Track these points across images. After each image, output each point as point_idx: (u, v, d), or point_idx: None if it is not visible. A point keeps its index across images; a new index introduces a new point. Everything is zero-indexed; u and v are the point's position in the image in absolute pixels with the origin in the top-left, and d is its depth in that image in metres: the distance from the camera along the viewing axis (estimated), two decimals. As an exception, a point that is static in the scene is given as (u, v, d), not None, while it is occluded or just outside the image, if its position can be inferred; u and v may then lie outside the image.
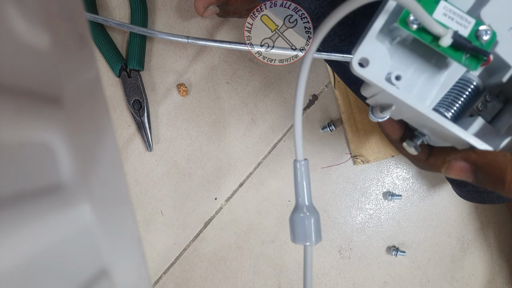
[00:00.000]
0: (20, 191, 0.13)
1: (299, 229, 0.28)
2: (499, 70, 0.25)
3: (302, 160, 0.28)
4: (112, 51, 0.49)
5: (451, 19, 0.23)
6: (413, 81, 0.26)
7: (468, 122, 0.25)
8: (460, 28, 0.22)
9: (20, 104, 0.13)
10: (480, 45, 0.23)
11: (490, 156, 0.22)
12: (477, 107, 0.26)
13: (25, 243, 0.13)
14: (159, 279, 0.53)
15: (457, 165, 0.23)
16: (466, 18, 0.23)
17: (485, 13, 0.24)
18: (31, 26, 0.14)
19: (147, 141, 0.51)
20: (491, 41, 0.23)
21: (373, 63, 0.23)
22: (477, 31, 0.23)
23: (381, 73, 0.23)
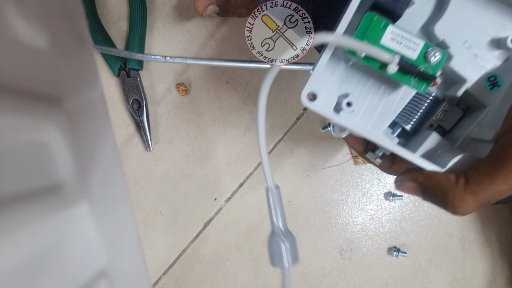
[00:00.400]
0: (20, 191, 0.13)
1: (276, 253, 0.30)
2: (455, 82, 0.26)
3: (274, 187, 0.29)
4: (111, 51, 0.49)
5: (399, 43, 0.23)
6: (370, 99, 0.26)
7: (425, 135, 0.26)
8: (409, 51, 0.23)
9: (19, 104, 0.13)
10: (429, 67, 0.23)
11: (434, 180, 0.23)
12: (437, 116, 0.27)
13: (25, 243, 0.13)
14: (158, 280, 0.53)
15: (407, 184, 0.25)
16: (414, 41, 0.23)
17: (439, 28, 0.24)
18: (30, 26, 0.14)
19: (146, 141, 0.51)
20: (440, 62, 0.23)
21: (321, 96, 0.24)
22: (426, 52, 0.23)
23: (329, 105, 0.24)
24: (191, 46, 0.51)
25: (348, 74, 0.26)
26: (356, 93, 0.26)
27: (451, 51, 0.25)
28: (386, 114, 0.26)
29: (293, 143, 0.53)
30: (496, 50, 0.25)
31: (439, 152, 0.25)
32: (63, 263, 0.16)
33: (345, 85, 0.26)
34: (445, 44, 0.25)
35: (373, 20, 0.23)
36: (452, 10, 0.24)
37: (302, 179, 0.53)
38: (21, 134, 0.14)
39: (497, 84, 0.25)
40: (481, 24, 0.25)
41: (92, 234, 0.18)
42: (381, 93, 0.26)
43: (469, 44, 0.25)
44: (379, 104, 0.26)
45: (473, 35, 0.25)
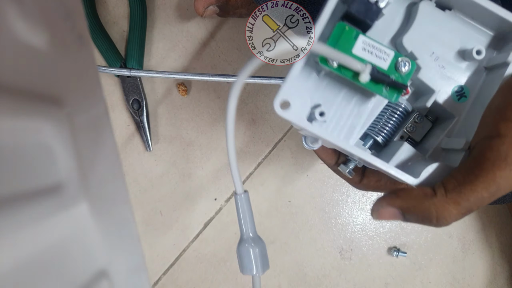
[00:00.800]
0: (20, 191, 0.13)
1: (246, 260, 0.29)
2: (424, 93, 0.26)
3: (242, 193, 0.29)
4: (111, 51, 0.49)
5: (371, 53, 0.23)
6: (342, 110, 0.27)
7: (396, 146, 0.26)
8: (380, 61, 0.23)
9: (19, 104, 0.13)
10: (399, 76, 0.23)
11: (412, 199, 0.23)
12: (407, 128, 0.27)
13: (25, 243, 0.13)
14: (158, 280, 0.53)
15: (385, 212, 0.24)
16: (385, 51, 0.23)
17: (407, 40, 0.25)
18: (30, 26, 0.14)
19: (146, 141, 0.51)
20: (410, 72, 0.23)
21: (294, 104, 0.24)
22: (397, 62, 0.23)
23: (302, 113, 0.24)
24: (191, 46, 0.51)
25: (320, 85, 0.27)
26: (328, 103, 0.27)
27: (419, 63, 0.25)
28: (357, 125, 0.27)
29: (293, 143, 0.53)
30: (463, 62, 0.26)
31: (410, 164, 0.26)
32: (63, 263, 0.16)
33: (317, 95, 0.27)
34: (413, 55, 0.25)
35: (344, 29, 0.23)
36: (419, 23, 0.25)
37: (302, 179, 0.53)
38: (21, 134, 0.14)
39: (464, 95, 0.25)
40: (447, 37, 0.25)
41: (92, 234, 0.18)
42: (353, 104, 0.27)
43: (436, 55, 0.25)
44: (350, 115, 0.27)
45: (440, 47, 0.25)
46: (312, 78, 0.26)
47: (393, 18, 0.26)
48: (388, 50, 0.23)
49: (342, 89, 0.27)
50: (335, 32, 0.23)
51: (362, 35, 0.23)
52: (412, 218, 0.23)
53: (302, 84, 0.26)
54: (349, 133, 0.27)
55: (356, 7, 0.23)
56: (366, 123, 0.27)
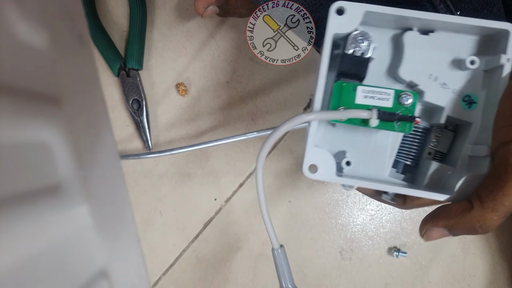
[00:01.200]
0: (20, 191, 0.13)
1: None
2: (435, 112, 0.28)
3: (279, 248, 0.31)
4: (111, 50, 0.49)
5: (372, 98, 0.25)
6: (365, 149, 0.28)
7: (426, 166, 0.28)
8: (383, 102, 0.25)
9: (19, 104, 0.13)
10: (406, 109, 0.25)
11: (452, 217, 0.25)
12: (432, 144, 0.29)
13: (24, 243, 0.13)
14: (158, 280, 0.53)
15: (433, 233, 0.26)
16: (385, 92, 0.25)
17: (402, 72, 0.26)
18: (30, 26, 0.14)
19: (146, 141, 0.51)
20: (414, 103, 0.25)
21: (321, 166, 0.26)
22: (399, 98, 0.25)
23: (331, 171, 0.26)
24: (191, 46, 0.51)
25: (337, 134, 0.29)
26: (351, 147, 0.28)
27: (420, 88, 0.26)
28: (385, 158, 0.28)
29: (293, 143, 0.53)
30: (460, 72, 0.27)
31: (445, 177, 0.27)
32: (62, 263, 0.16)
33: (338, 143, 0.29)
34: (413, 83, 0.27)
35: (342, 86, 0.25)
36: (408, 53, 0.26)
37: (302, 179, 0.53)
38: (21, 134, 0.14)
39: (473, 101, 0.26)
40: (438, 56, 0.27)
41: (92, 234, 0.18)
42: (374, 141, 0.28)
43: (434, 76, 0.27)
44: (374, 152, 0.28)
45: (435, 67, 0.27)
46: (329, 130, 0.28)
47: (383, 55, 0.28)
48: (388, 90, 0.25)
49: (359, 131, 0.28)
50: (335, 91, 0.25)
51: (359, 86, 0.25)
52: (458, 233, 0.25)
53: (321, 141, 0.28)
54: (380, 167, 0.28)
55: (346, 65, 0.26)
56: (391, 154, 0.28)
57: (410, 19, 0.26)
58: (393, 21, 0.26)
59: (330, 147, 0.28)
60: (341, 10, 0.25)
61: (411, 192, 0.25)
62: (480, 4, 0.30)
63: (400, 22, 0.26)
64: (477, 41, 0.26)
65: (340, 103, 0.25)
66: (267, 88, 0.52)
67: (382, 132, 0.28)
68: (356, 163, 0.28)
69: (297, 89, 0.52)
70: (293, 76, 0.52)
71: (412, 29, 0.27)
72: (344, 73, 0.26)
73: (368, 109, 0.24)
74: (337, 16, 0.25)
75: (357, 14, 0.25)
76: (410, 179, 0.30)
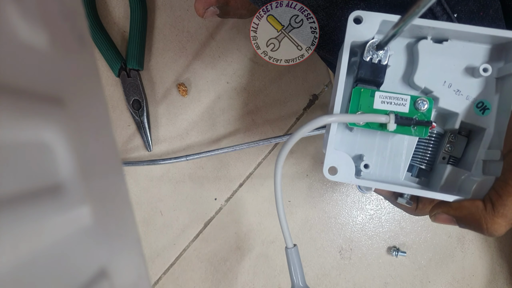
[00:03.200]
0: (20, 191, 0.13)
1: None
2: (450, 118, 0.28)
3: (292, 247, 0.32)
4: (112, 51, 0.49)
5: (390, 103, 0.26)
6: (382, 153, 0.29)
7: (441, 169, 0.29)
8: (400, 107, 0.26)
9: (19, 104, 0.13)
10: (422, 115, 0.26)
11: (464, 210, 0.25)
12: (446, 148, 0.30)
13: (25, 243, 0.13)
14: (158, 279, 0.53)
15: (441, 217, 0.27)
16: (401, 98, 0.26)
17: (417, 79, 0.27)
18: (30, 26, 0.14)
19: (146, 141, 0.51)
20: (429, 109, 0.26)
21: (341, 168, 0.27)
22: (415, 104, 0.26)
23: (350, 173, 0.27)
24: (191, 46, 0.51)
25: (355, 138, 0.29)
26: (368, 151, 0.29)
27: (435, 94, 0.27)
28: (400, 162, 0.29)
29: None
30: (474, 80, 0.27)
31: (459, 180, 0.28)
32: (63, 263, 0.16)
33: (356, 147, 0.29)
34: (428, 89, 0.27)
35: (360, 92, 0.26)
36: (423, 61, 0.27)
37: (302, 179, 0.53)
38: (21, 134, 0.14)
39: (486, 107, 0.27)
40: (452, 63, 0.27)
41: (92, 234, 0.18)
42: (390, 145, 0.29)
43: (448, 83, 0.27)
44: (391, 155, 0.29)
45: (449, 74, 0.27)
46: (346, 134, 0.29)
47: (398, 62, 0.28)
48: (404, 96, 0.26)
49: (376, 135, 0.29)
50: (353, 97, 0.26)
51: (377, 91, 0.26)
52: (464, 226, 0.26)
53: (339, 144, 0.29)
54: (396, 170, 0.29)
55: (364, 71, 0.26)
56: (407, 158, 0.29)
57: (425, 28, 0.26)
58: (407, 30, 0.27)
59: (348, 151, 0.29)
60: (359, 19, 0.26)
61: (429, 194, 0.26)
62: (477, 7, 0.30)
63: (415, 31, 0.27)
64: (490, 50, 0.27)
65: (358, 108, 0.26)
66: (267, 88, 0.52)
67: (398, 137, 0.29)
68: (373, 166, 0.29)
69: (297, 89, 0.52)
70: (293, 76, 0.52)
71: (426, 38, 0.27)
72: (362, 79, 0.27)
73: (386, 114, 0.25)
74: (355, 25, 0.26)
75: (374, 23, 0.26)
76: (424, 183, 0.30)
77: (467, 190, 0.26)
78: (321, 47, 0.34)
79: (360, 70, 0.26)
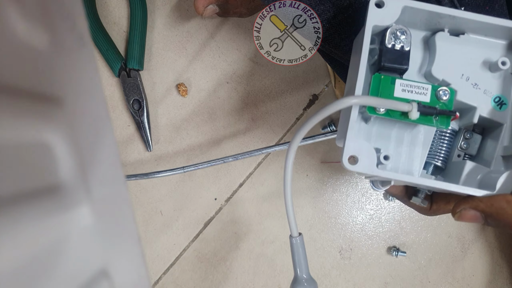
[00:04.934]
0: (20, 191, 0.13)
1: None
2: (467, 112, 0.28)
3: (297, 236, 0.31)
4: (112, 51, 0.49)
5: (410, 92, 0.25)
6: (398, 148, 0.28)
7: (459, 165, 0.28)
8: (421, 96, 0.25)
9: (19, 104, 0.13)
10: (443, 104, 0.25)
11: (496, 204, 0.24)
12: (461, 146, 0.29)
13: (25, 243, 0.13)
14: (158, 279, 0.53)
15: (468, 214, 0.25)
16: (422, 87, 0.25)
17: (435, 71, 0.27)
18: (30, 26, 0.14)
19: (146, 141, 0.51)
20: (451, 99, 0.25)
21: (362, 158, 0.25)
22: (436, 93, 0.25)
23: (372, 163, 0.25)
24: (191, 47, 0.51)
25: (371, 131, 0.28)
26: (384, 146, 0.28)
27: (453, 87, 0.26)
28: (415, 157, 0.28)
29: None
30: (492, 74, 0.27)
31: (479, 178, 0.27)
32: (63, 263, 0.16)
33: (371, 141, 0.28)
34: (445, 82, 0.27)
35: (380, 79, 0.25)
36: (440, 53, 0.27)
37: (302, 179, 0.53)
38: (21, 134, 0.14)
39: (503, 102, 0.27)
40: (470, 57, 0.27)
41: (92, 234, 0.18)
42: (406, 141, 0.28)
43: (466, 76, 0.27)
44: (407, 151, 0.28)
45: (466, 68, 0.27)
46: (362, 127, 0.28)
47: (414, 55, 0.27)
48: (425, 85, 0.25)
49: (392, 130, 0.28)
50: (373, 84, 0.25)
51: (398, 79, 0.25)
52: (493, 223, 0.24)
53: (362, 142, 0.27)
54: (411, 166, 0.28)
55: (388, 59, 0.25)
56: (423, 154, 0.28)
57: (445, 17, 0.26)
58: (425, 21, 0.27)
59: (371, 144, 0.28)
60: (380, 4, 0.25)
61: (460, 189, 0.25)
62: (483, 1, 0.30)
63: (432, 23, 0.27)
64: (506, 45, 0.27)
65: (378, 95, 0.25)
66: (267, 88, 0.52)
67: (414, 131, 0.28)
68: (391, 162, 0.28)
69: (296, 89, 0.52)
70: (292, 76, 0.52)
71: (443, 30, 0.27)
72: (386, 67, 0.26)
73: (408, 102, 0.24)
74: (376, 9, 0.25)
75: (396, 7, 0.25)
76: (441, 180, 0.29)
77: (490, 185, 0.25)
78: (327, 41, 0.34)
79: (383, 57, 0.25)
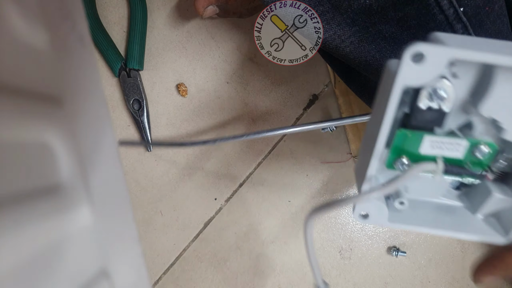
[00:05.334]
0: (21, 191, 0.13)
1: None
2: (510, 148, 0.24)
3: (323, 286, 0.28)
4: (112, 51, 0.49)
5: (440, 148, 0.22)
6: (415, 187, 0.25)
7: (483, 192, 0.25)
8: (453, 152, 0.22)
9: (20, 104, 0.13)
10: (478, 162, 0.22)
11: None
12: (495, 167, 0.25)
13: (26, 243, 0.13)
14: (158, 279, 0.53)
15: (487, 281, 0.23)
16: (456, 143, 0.22)
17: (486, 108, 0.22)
18: (30, 26, 0.14)
19: (146, 141, 0.51)
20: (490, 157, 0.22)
21: (372, 214, 0.23)
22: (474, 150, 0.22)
23: (383, 218, 0.24)
24: (191, 47, 0.51)
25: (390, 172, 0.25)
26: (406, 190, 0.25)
27: (501, 125, 0.22)
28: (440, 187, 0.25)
29: (293, 143, 0.53)
30: None
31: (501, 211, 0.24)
32: (63, 263, 0.16)
33: None
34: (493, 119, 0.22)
35: (407, 136, 0.22)
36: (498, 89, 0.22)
37: (302, 179, 0.53)
38: (22, 135, 0.14)
39: None
40: None
41: (92, 234, 0.18)
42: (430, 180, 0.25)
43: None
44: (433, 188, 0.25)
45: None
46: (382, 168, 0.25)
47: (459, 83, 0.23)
48: (460, 140, 0.21)
49: None
50: (396, 141, 0.22)
51: (427, 135, 0.21)
52: None
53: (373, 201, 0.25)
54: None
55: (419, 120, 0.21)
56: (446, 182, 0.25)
57: None
58: None
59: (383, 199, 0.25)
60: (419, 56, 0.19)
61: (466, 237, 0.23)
62: (483, 1, 0.29)
63: None
64: None
65: (401, 152, 0.22)
66: (267, 88, 0.52)
67: None
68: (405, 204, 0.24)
69: (296, 89, 0.52)
70: (292, 76, 0.52)
71: None
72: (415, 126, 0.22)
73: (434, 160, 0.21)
74: (412, 64, 0.19)
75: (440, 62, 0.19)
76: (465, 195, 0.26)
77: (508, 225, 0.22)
78: (328, 41, 0.34)
79: (412, 117, 0.21)
